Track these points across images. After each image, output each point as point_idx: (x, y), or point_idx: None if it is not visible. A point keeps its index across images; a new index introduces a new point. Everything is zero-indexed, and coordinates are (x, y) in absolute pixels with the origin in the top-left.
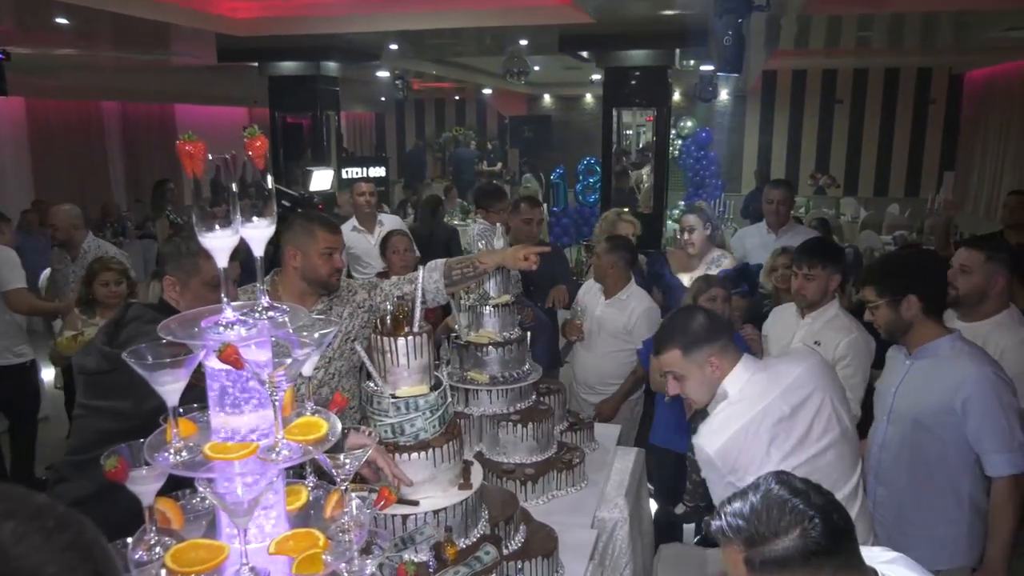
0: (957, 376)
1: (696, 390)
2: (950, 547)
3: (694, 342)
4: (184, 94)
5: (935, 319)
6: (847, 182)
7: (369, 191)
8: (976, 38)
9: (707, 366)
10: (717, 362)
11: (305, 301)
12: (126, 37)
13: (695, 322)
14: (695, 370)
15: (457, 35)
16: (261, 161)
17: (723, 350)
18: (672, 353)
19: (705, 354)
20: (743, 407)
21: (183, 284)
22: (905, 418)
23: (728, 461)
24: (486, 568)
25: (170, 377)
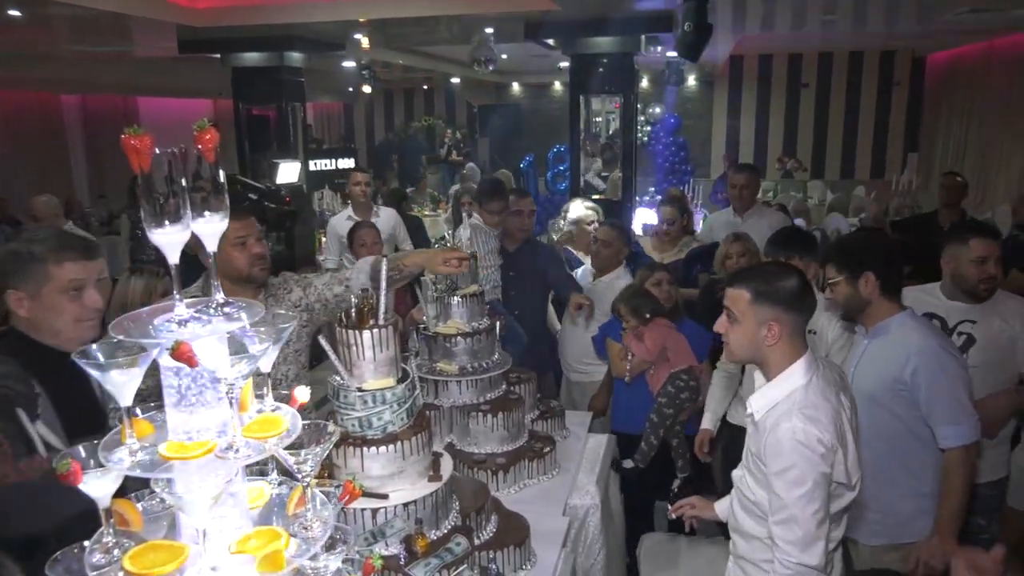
0: (905, 349)
1: (739, 341)
2: (911, 522)
3: (769, 296)
4: (147, 87)
5: (891, 297)
6: (814, 165)
7: (364, 181)
8: (938, 20)
9: (764, 328)
10: (776, 332)
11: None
12: (83, 29)
13: (785, 281)
14: (751, 322)
15: (422, 23)
16: (212, 154)
17: (791, 329)
18: (741, 292)
19: (771, 315)
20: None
21: (32, 296)
22: (863, 395)
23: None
24: (457, 559)
25: (125, 377)
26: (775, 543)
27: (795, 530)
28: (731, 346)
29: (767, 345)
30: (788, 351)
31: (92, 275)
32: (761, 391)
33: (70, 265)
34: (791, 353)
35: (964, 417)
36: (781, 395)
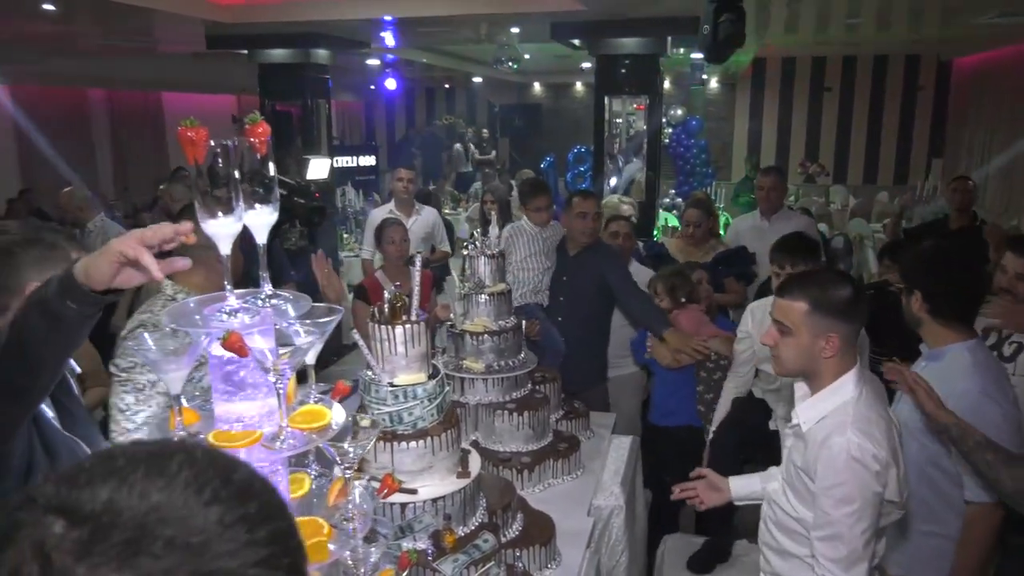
0: (948, 387)
1: (792, 353)
2: (931, 562)
3: (828, 307)
4: (172, 82)
5: (946, 323)
6: (836, 170)
7: (408, 178)
8: (965, 24)
9: (822, 340)
10: (834, 344)
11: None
12: (113, 24)
13: (842, 290)
14: (807, 335)
15: (448, 22)
16: (263, 147)
17: (847, 339)
18: (798, 304)
19: (829, 327)
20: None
21: None
22: (899, 416)
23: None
24: (484, 556)
25: (173, 365)
26: (817, 560)
27: (840, 548)
28: (782, 359)
29: (824, 358)
30: (840, 363)
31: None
32: (810, 402)
33: (79, 251)
34: (843, 365)
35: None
36: (830, 407)
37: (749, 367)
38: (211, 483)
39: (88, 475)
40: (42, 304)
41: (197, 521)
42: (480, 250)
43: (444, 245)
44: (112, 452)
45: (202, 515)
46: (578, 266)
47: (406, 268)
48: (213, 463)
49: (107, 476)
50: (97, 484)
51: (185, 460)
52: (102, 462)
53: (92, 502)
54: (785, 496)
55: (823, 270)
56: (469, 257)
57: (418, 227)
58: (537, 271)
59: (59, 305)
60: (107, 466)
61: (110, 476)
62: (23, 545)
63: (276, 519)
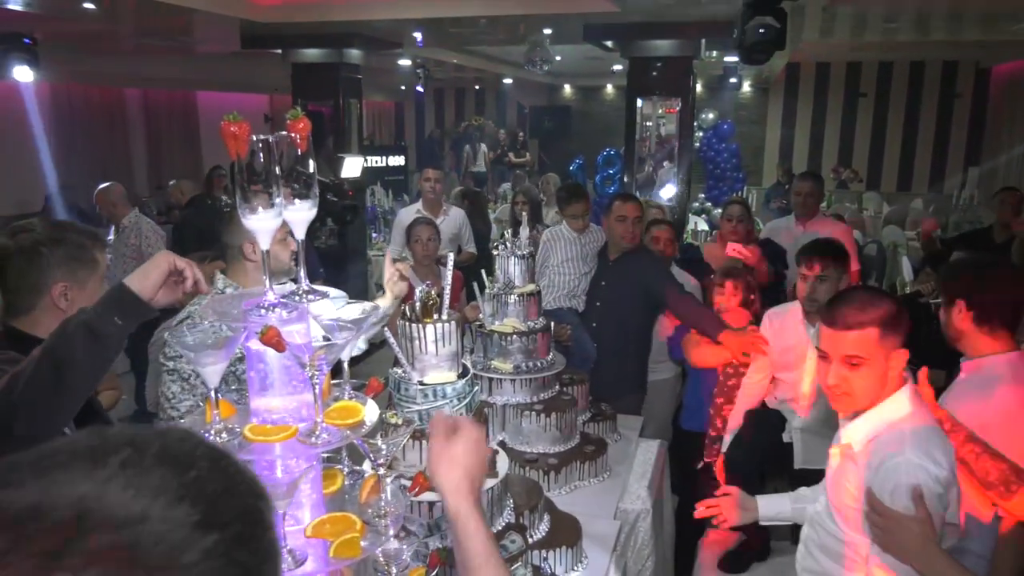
0: (983, 401)
1: (868, 383)
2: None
3: (891, 325)
4: (206, 81)
5: (991, 331)
6: (870, 176)
7: (436, 178)
8: (1004, 30)
9: (891, 359)
10: (902, 359)
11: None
12: (151, 23)
13: (892, 304)
14: (881, 359)
15: (481, 23)
16: (304, 143)
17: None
18: (868, 332)
19: (895, 344)
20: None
21: (80, 287)
22: None
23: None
24: (511, 556)
25: (211, 359)
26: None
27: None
28: (856, 395)
29: (892, 377)
30: (897, 378)
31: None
32: (860, 420)
33: (105, 253)
34: (897, 379)
35: None
36: (883, 425)
37: (763, 374)
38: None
39: (20, 474)
40: (86, 326)
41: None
42: (510, 251)
43: (470, 246)
44: (51, 449)
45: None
46: (618, 272)
47: (434, 267)
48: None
49: (39, 475)
50: (26, 485)
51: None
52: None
53: (17, 505)
54: (832, 519)
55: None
56: (499, 257)
57: (445, 228)
58: (573, 276)
59: (105, 323)
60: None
61: (42, 476)
62: None
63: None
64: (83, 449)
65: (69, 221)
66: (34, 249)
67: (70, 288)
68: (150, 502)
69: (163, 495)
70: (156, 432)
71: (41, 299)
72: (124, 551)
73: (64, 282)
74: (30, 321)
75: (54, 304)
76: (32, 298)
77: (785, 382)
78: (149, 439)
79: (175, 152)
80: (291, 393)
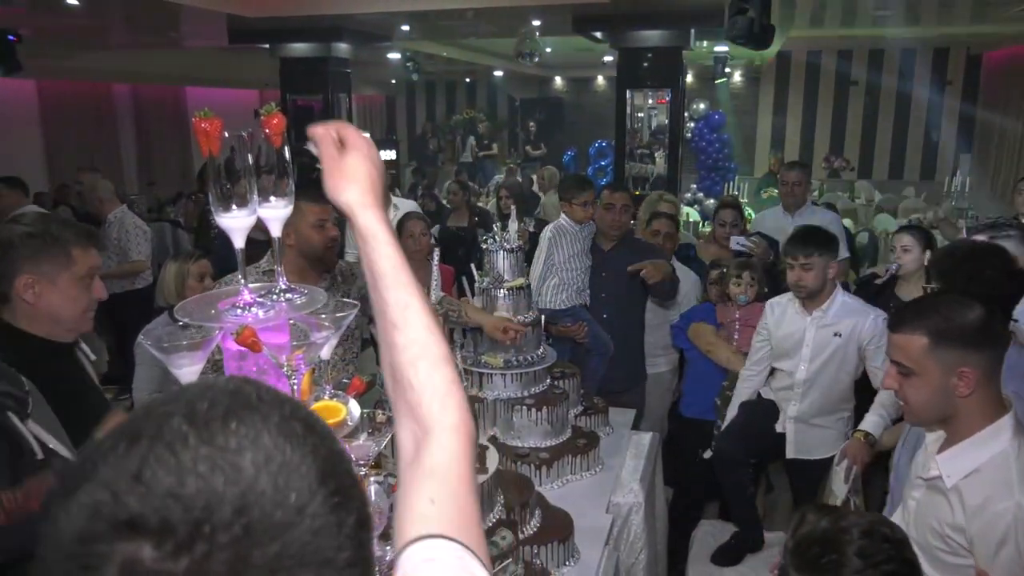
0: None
1: (923, 397)
2: None
3: (952, 338)
4: (195, 77)
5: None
6: (862, 165)
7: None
8: (995, 16)
9: (954, 376)
10: (971, 380)
11: (306, 280)
12: (137, 18)
13: (967, 315)
14: (935, 372)
15: (469, 15)
16: (279, 139)
17: (987, 370)
18: (916, 338)
19: (959, 360)
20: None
21: (49, 281)
22: None
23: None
24: (502, 553)
25: (187, 360)
26: None
27: None
28: (911, 406)
29: (961, 397)
30: (986, 402)
31: (100, 265)
32: (955, 451)
33: (93, 252)
34: (990, 405)
35: None
36: (983, 459)
37: (763, 366)
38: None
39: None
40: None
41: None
42: (499, 244)
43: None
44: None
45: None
46: (613, 261)
47: (427, 263)
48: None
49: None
50: (182, 482)
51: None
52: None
53: (179, 515)
54: None
55: (940, 294)
56: (488, 251)
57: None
58: (580, 270)
59: None
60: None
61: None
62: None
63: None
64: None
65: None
66: (8, 240)
67: (37, 282)
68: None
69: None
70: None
71: (10, 289)
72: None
73: (29, 275)
74: (10, 310)
75: (20, 297)
76: (4, 286)
77: (783, 371)
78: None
79: (164, 148)
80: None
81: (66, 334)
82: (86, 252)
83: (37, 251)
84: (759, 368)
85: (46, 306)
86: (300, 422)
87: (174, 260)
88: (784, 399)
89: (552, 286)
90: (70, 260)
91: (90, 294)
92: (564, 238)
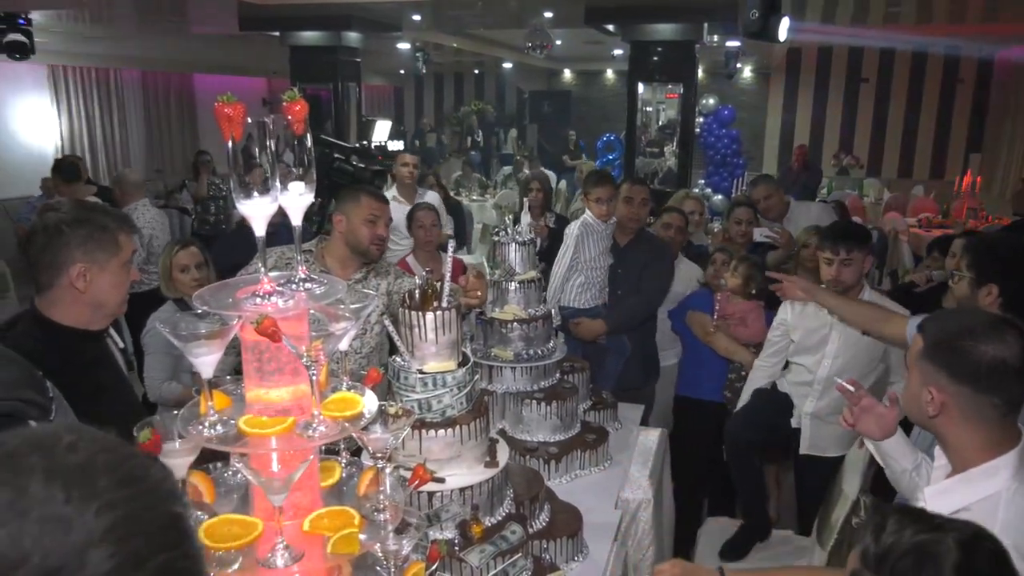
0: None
1: (905, 395)
2: None
3: (945, 359)
4: (203, 64)
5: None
6: (871, 162)
7: (413, 163)
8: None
9: (925, 392)
10: (937, 405)
11: (346, 268)
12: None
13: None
14: (915, 377)
15: (480, 6)
16: (301, 126)
17: (975, 409)
18: (919, 339)
19: (934, 380)
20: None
21: (100, 268)
22: None
23: None
24: (512, 547)
25: (205, 349)
26: None
27: None
28: (903, 400)
29: (928, 416)
30: (974, 434)
31: (135, 249)
32: (945, 485)
33: (133, 237)
34: (981, 439)
35: None
36: (973, 498)
37: (779, 359)
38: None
39: None
40: None
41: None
42: (511, 237)
43: (448, 228)
44: None
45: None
46: (629, 256)
47: (436, 253)
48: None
49: None
50: None
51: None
52: None
53: None
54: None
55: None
56: (500, 244)
57: None
58: (604, 269)
59: None
60: None
61: None
62: None
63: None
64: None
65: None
66: (56, 228)
67: (89, 269)
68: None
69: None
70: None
71: (59, 278)
72: None
73: (82, 263)
74: (48, 300)
75: (71, 284)
76: (50, 276)
77: (802, 366)
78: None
79: (172, 135)
80: (287, 384)
81: (104, 320)
82: (128, 238)
83: (88, 239)
84: (775, 360)
85: (96, 293)
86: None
87: (171, 247)
88: (801, 395)
89: (577, 284)
90: (118, 246)
91: (129, 278)
92: (591, 236)
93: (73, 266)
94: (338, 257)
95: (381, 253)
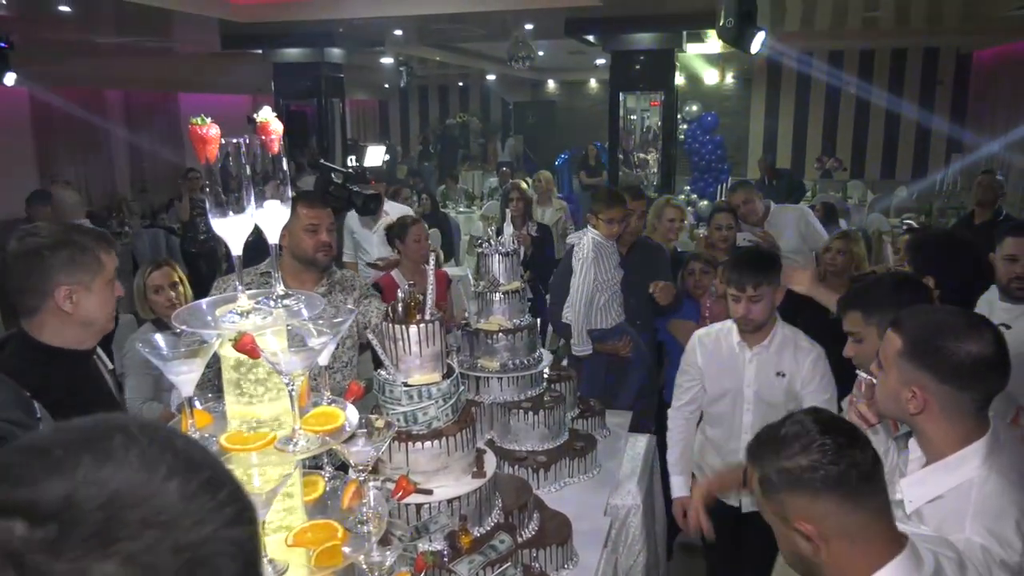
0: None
1: (881, 395)
2: None
3: (927, 358)
4: (188, 82)
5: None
6: (854, 165)
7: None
8: (984, 16)
9: (906, 391)
10: (920, 402)
11: (303, 282)
12: (128, 24)
13: (966, 344)
14: (894, 379)
15: (462, 20)
16: (275, 145)
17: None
18: (895, 338)
19: (917, 379)
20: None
21: (86, 288)
22: None
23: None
24: (501, 557)
25: (185, 367)
26: None
27: None
28: (877, 397)
29: (910, 414)
30: (951, 428)
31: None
32: (920, 476)
33: (113, 253)
34: (957, 432)
35: None
36: (946, 487)
37: (695, 407)
38: (161, 458)
39: (30, 471)
40: None
41: (161, 498)
42: (495, 248)
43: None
44: (41, 444)
45: (163, 491)
46: (633, 264)
47: (421, 267)
48: (153, 437)
49: (52, 470)
50: (44, 480)
51: (125, 439)
52: (38, 457)
53: (48, 498)
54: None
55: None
56: (483, 255)
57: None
58: (618, 282)
59: None
60: (46, 460)
61: (55, 470)
62: None
63: (227, 480)
64: (79, 441)
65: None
66: (36, 252)
67: (74, 291)
68: (165, 482)
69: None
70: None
71: (45, 302)
72: (157, 525)
73: (67, 285)
74: (36, 323)
75: (58, 307)
76: (36, 300)
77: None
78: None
79: (157, 154)
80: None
81: (93, 338)
82: (109, 255)
83: (70, 261)
84: (690, 410)
85: (83, 313)
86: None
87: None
88: (727, 451)
89: (601, 304)
90: (100, 265)
91: (114, 295)
92: (604, 255)
93: (58, 289)
94: (291, 272)
95: (329, 259)
